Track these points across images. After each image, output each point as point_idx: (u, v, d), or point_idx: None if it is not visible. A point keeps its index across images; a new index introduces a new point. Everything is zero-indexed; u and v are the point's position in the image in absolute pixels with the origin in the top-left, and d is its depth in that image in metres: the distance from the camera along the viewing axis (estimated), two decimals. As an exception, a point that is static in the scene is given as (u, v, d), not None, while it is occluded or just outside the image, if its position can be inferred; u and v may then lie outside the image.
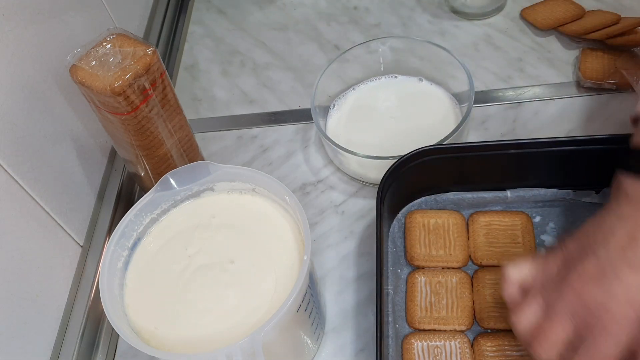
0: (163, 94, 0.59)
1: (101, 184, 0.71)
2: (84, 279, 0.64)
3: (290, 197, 0.51)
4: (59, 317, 0.60)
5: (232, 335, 0.47)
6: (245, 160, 0.74)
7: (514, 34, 0.80)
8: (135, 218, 0.53)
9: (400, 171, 0.58)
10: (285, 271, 0.50)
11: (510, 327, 0.54)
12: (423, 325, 0.56)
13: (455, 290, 0.57)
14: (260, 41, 0.87)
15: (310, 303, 0.51)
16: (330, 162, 0.72)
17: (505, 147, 0.58)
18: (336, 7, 0.89)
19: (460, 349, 0.54)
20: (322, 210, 0.68)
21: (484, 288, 0.57)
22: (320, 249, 0.65)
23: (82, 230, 0.66)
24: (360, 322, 0.59)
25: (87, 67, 0.55)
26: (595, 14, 0.76)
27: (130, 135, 0.59)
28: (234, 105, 0.80)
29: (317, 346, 0.57)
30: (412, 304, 0.57)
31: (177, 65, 0.87)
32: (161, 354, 0.46)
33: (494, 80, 0.76)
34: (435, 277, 0.58)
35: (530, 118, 0.71)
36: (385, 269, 0.57)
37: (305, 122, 0.76)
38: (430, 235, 0.60)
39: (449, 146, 0.59)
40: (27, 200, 0.57)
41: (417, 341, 0.54)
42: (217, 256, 0.52)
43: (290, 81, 0.81)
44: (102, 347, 0.62)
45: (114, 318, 0.47)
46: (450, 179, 0.61)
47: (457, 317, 0.56)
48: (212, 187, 0.55)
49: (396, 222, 0.62)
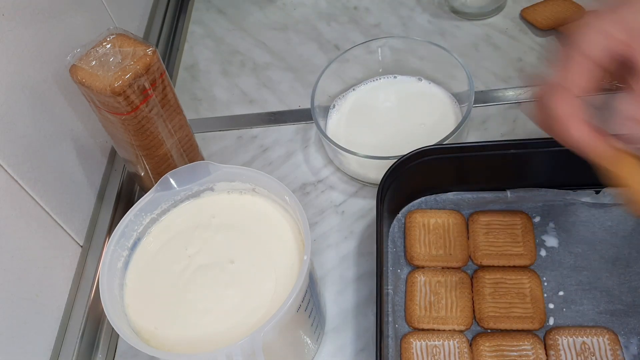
0: (163, 94, 0.59)
1: (101, 184, 0.71)
2: (84, 279, 0.64)
3: (290, 197, 0.51)
4: (59, 317, 0.60)
5: (232, 335, 0.47)
6: (245, 160, 0.74)
7: (514, 34, 0.80)
8: (135, 218, 0.53)
9: (400, 171, 0.58)
10: (285, 271, 0.50)
11: (509, 328, 0.54)
12: (422, 325, 0.56)
13: (455, 290, 0.57)
14: (260, 41, 0.87)
15: (310, 303, 0.51)
16: (330, 162, 0.72)
17: (505, 147, 0.58)
18: (336, 7, 0.89)
19: (459, 349, 0.54)
20: (322, 210, 0.68)
21: (484, 288, 0.57)
22: (320, 249, 0.65)
23: (82, 230, 0.66)
24: (360, 322, 0.59)
25: (87, 67, 0.55)
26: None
27: (130, 135, 0.59)
28: (234, 105, 0.80)
29: (317, 346, 0.57)
30: (412, 303, 0.57)
31: (177, 65, 0.87)
32: (161, 354, 0.46)
33: (494, 80, 0.76)
34: (435, 277, 0.58)
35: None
36: (385, 269, 0.57)
37: (305, 122, 0.76)
38: (430, 235, 0.60)
39: (449, 146, 0.59)
40: (27, 200, 0.57)
41: (415, 340, 0.54)
42: (217, 256, 0.52)
43: (290, 81, 0.81)
44: (102, 347, 0.62)
45: (114, 318, 0.47)
46: (450, 178, 0.61)
47: (457, 316, 0.56)
48: (212, 187, 0.55)
49: (396, 222, 0.62)
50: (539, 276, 0.57)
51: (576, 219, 0.60)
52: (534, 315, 0.55)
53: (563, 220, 0.60)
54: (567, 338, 0.53)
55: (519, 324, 0.54)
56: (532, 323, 0.54)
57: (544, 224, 0.60)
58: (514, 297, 0.56)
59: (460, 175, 0.61)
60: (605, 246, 0.58)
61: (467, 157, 0.59)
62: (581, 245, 0.58)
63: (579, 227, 0.59)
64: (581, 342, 0.52)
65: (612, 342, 0.52)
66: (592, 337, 0.53)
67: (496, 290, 0.56)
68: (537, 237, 0.60)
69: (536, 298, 0.55)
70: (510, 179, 0.61)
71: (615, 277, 0.56)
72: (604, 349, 0.52)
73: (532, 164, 0.59)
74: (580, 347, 0.52)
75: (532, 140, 0.57)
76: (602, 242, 0.58)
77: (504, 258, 0.58)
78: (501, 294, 0.56)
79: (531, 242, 0.59)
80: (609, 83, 0.72)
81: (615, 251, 0.57)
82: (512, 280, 0.57)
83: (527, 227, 0.60)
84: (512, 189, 0.61)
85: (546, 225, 0.60)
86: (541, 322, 0.54)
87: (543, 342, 0.53)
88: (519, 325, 0.54)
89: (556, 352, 0.52)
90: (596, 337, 0.52)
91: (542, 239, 0.60)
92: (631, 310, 0.54)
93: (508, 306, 0.55)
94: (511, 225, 0.60)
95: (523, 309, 0.55)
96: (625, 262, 0.57)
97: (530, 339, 0.53)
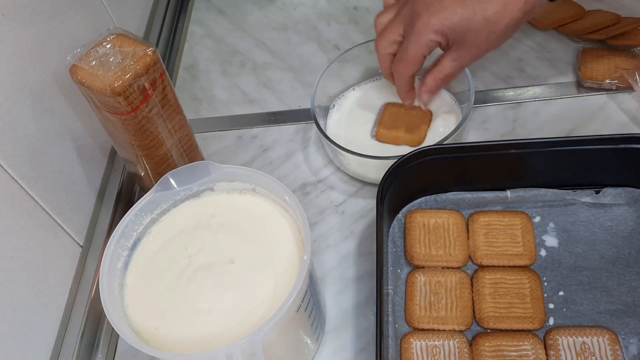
0: (163, 94, 0.59)
1: (101, 184, 0.71)
2: (84, 279, 0.64)
3: (290, 197, 0.51)
4: (59, 317, 0.60)
5: (232, 335, 0.47)
6: (245, 160, 0.74)
7: (514, 34, 0.80)
8: (135, 218, 0.53)
9: (400, 171, 0.58)
10: (285, 271, 0.50)
11: (509, 328, 0.54)
12: (422, 325, 0.55)
13: (455, 290, 0.57)
14: (260, 41, 0.87)
15: (310, 303, 0.51)
16: (330, 162, 0.72)
17: (505, 147, 0.58)
18: (336, 7, 0.89)
19: (459, 349, 0.54)
20: (322, 210, 0.68)
21: (484, 288, 0.57)
22: (320, 249, 0.65)
23: (82, 230, 0.66)
24: (360, 322, 0.59)
25: (87, 67, 0.55)
26: (595, 14, 0.76)
27: (130, 135, 0.59)
28: (234, 105, 0.80)
29: (317, 346, 0.57)
30: (412, 303, 0.57)
31: (177, 65, 0.87)
32: (161, 354, 0.46)
33: (494, 80, 0.76)
34: (434, 277, 0.58)
35: (530, 118, 0.71)
36: (385, 269, 0.57)
37: (305, 122, 0.76)
38: (430, 235, 0.60)
39: (449, 146, 0.59)
40: (27, 200, 0.57)
41: (415, 340, 0.54)
42: (217, 256, 0.52)
43: (290, 81, 0.81)
44: (102, 347, 0.62)
45: (114, 318, 0.47)
46: (450, 178, 0.61)
47: (457, 317, 0.56)
48: (212, 187, 0.55)
49: (396, 222, 0.62)
50: (539, 276, 0.57)
51: (576, 219, 0.60)
52: (533, 315, 0.55)
53: (563, 220, 0.60)
54: (567, 338, 0.53)
55: (519, 324, 0.54)
56: (532, 323, 0.54)
57: (544, 224, 0.60)
58: (513, 297, 0.56)
59: (460, 175, 0.61)
60: (605, 246, 0.58)
61: (466, 157, 0.59)
62: (581, 245, 0.58)
63: (579, 227, 0.59)
64: (581, 342, 0.52)
65: (612, 342, 0.52)
66: (592, 337, 0.53)
67: (496, 290, 0.56)
68: (537, 237, 0.60)
69: (536, 298, 0.55)
70: (510, 179, 0.61)
71: (615, 277, 0.56)
72: (604, 349, 0.52)
73: (532, 164, 0.59)
74: (580, 347, 0.52)
75: (532, 140, 0.57)
76: (602, 242, 0.58)
77: (504, 258, 0.58)
78: (501, 294, 0.56)
79: (531, 242, 0.59)
80: (609, 83, 0.72)
81: (615, 251, 0.57)
82: (512, 280, 0.57)
83: (527, 227, 0.60)
84: (512, 189, 0.61)
85: (546, 225, 0.60)
86: (541, 322, 0.54)
87: (543, 342, 0.53)
88: (519, 325, 0.54)
89: (556, 352, 0.52)
90: (596, 337, 0.52)
91: (542, 239, 0.60)
92: (631, 310, 0.54)
93: (508, 306, 0.55)
94: (511, 225, 0.60)
95: (523, 309, 0.55)
96: (625, 262, 0.57)
97: (530, 339, 0.53)
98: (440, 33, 0.57)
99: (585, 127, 0.69)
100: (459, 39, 0.58)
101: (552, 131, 0.69)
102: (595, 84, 0.71)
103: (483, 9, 0.56)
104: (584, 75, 0.71)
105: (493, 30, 0.57)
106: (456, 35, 0.57)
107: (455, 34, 0.57)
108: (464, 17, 0.56)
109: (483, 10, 0.56)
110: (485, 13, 0.56)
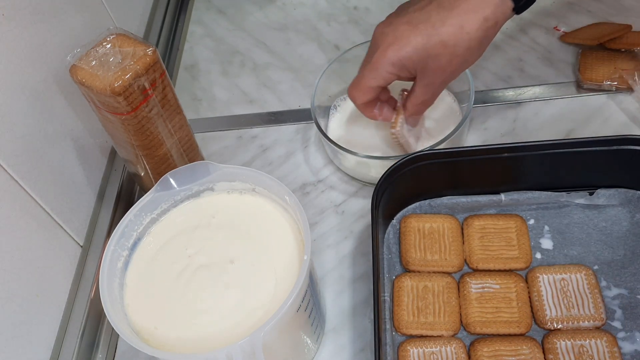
0: (163, 94, 0.59)
1: (101, 184, 0.71)
2: (84, 279, 0.64)
3: (290, 197, 0.51)
4: (59, 317, 0.60)
5: (232, 335, 0.47)
6: (245, 160, 0.74)
7: (514, 34, 0.80)
8: (135, 218, 0.53)
9: (394, 177, 0.58)
10: (285, 271, 0.50)
11: (497, 332, 0.54)
12: (410, 331, 0.55)
13: (442, 295, 0.57)
14: (260, 41, 0.87)
15: (310, 303, 0.51)
16: (330, 162, 0.72)
17: (498, 150, 0.58)
18: (336, 7, 0.89)
19: (457, 355, 0.53)
20: (322, 210, 0.68)
21: (470, 292, 0.56)
22: (320, 249, 0.65)
23: (82, 230, 0.66)
24: (360, 322, 0.59)
25: (87, 67, 0.55)
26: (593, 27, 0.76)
27: (130, 135, 0.59)
28: (234, 105, 0.80)
29: (317, 346, 0.57)
30: (399, 309, 0.56)
31: (177, 65, 0.87)
32: (161, 354, 0.46)
33: (494, 80, 0.76)
34: (421, 282, 0.57)
35: (530, 118, 0.71)
36: (381, 275, 0.56)
37: (305, 122, 0.76)
38: (425, 239, 0.60)
39: (442, 151, 0.59)
40: (27, 200, 0.57)
41: (412, 348, 0.54)
42: (217, 256, 0.52)
43: (290, 81, 0.81)
44: (102, 347, 0.62)
45: (114, 318, 0.47)
46: (444, 183, 0.61)
47: (444, 322, 0.55)
48: (212, 187, 0.55)
49: (391, 227, 0.62)
50: (525, 280, 0.57)
51: (570, 220, 0.60)
52: (520, 319, 0.54)
53: (557, 222, 0.60)
54: (565, 341, 0.53)
55: (506, 329, 0.54)
56: (519, 327, 0.54)
57: (538, 226, 0.60)
58: (500, 302, 0.56)
59: (454, 179, 0.61)
60: (600, 247, 0.58)
61: (460, 161, 0.59)
62: (576, 247, 0.58)
63: (573, 228, 0.59)
64: (579, 345, 0.52)
65: (610, 344, 0.52)
66: (590, 339, 0.52)
67: (482, 295, 0.56)
68: (532, 240, 0.59)
69: (523, 302, 0.55)
70: (504, 183, 0.61)
71: (611, 279, 0.56)
72: (602, 351, 0.52)
73: (526, 167, 0.59)
74: (578, 350, 0.52)
75: (525, 144, 0.57)
76: (597, 243, 0.58)
77: (499, 262, 0.58)
78: (487, 298, 0.56)
79: (526, 245, 0.59)
80: (608, 83, 0.72)
81: (610, 252, 0.57)
82: (499, 285, 0.57)
83: (522, 230, 0.59)
84: (506, 192, 0.61)
85: (541, 227, 0.60)
86: (528, 326, 0.54)
87: (541, 346, 0.53)
88: (506, 330, 0.54)
89: (554, 355, 0.52)
90: (594, 340, 0.52)
91: (537, 241, 0.59)
92: (627, 311, 0.54)
93: (495, 311, 0.55)
94: (506, 228, 0.60)
95: (509, 314, 0.55)
96: (621, 263, 0.57)
97: (528, 343, 0.53)
98: (397, 65, 0.56)
99: (585, 127, 0.69)
100: (420, 67, 0.56)
101: (552, 131, 0.69)
102: (595, 84, 0.71)
103: (438, 33, 0.54)
104: (584, 77, 0.71)
105: (454, 52, 0.55)
106: (416, 63, 0.56)
107: (414, 63, 0.56)
108: (419, 45, 0.54)
109: (438, 34, 0.54)
110: (441, 37, 0.54)
